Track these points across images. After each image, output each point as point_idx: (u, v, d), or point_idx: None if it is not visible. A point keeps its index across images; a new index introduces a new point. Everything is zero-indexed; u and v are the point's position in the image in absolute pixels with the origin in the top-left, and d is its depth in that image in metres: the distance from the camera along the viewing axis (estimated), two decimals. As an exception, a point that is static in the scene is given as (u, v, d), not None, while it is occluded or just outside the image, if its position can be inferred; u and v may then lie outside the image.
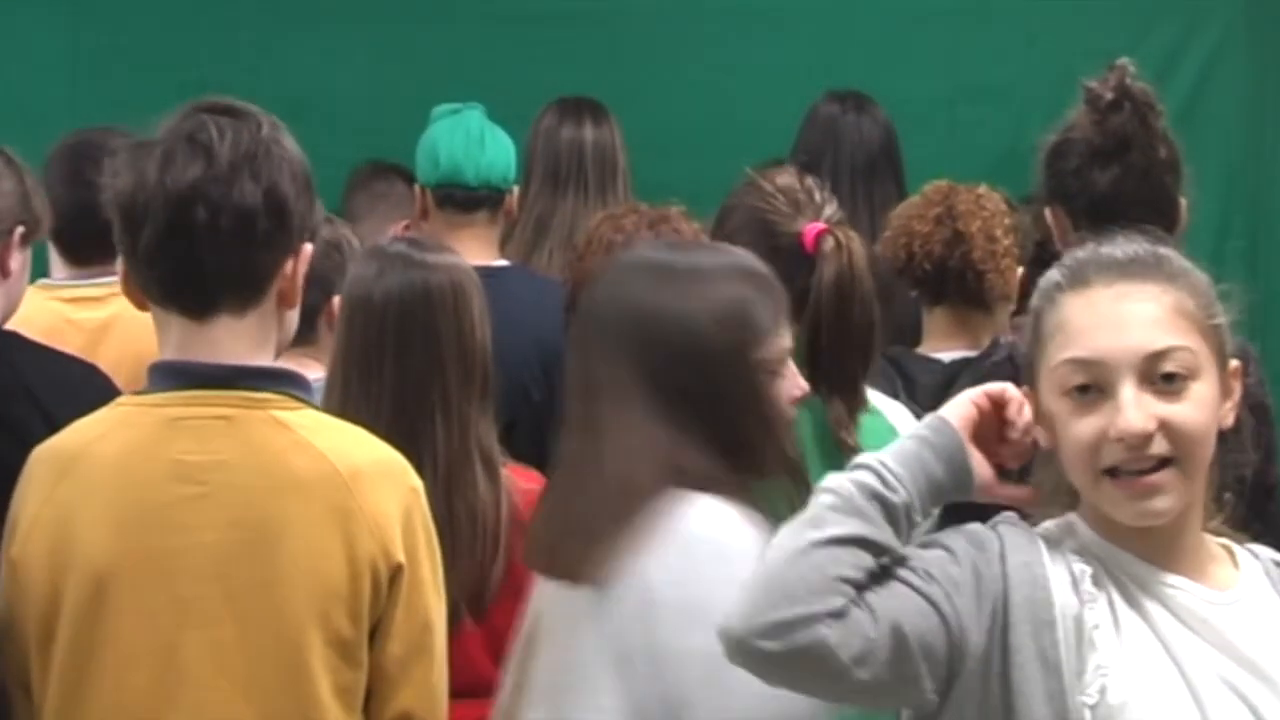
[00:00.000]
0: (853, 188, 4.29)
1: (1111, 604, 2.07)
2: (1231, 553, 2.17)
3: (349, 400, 2.86)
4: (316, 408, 2.41)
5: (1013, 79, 5.34)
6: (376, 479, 2.34)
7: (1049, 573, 2.05)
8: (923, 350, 3.73)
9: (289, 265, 2.35)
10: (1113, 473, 2.05)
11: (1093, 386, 2.06)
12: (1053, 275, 2.15)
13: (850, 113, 4.50)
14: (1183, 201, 3.11)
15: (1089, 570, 2.07)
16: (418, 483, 2.39)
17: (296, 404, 2.36)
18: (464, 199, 4.02)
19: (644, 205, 3.72)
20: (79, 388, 2.76)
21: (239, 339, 2.33)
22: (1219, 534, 2.17)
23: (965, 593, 2.02)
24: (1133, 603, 2.08)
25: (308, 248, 2.38)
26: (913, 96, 5.03)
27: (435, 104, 4.21)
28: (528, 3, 5.40)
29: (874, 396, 3.08)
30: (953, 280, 3.70)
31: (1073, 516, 2.14)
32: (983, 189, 3.77)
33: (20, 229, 2.93)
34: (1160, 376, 2.05)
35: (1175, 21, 5.37)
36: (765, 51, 5.37)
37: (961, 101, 5.36)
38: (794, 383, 2.47)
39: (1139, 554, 2.09)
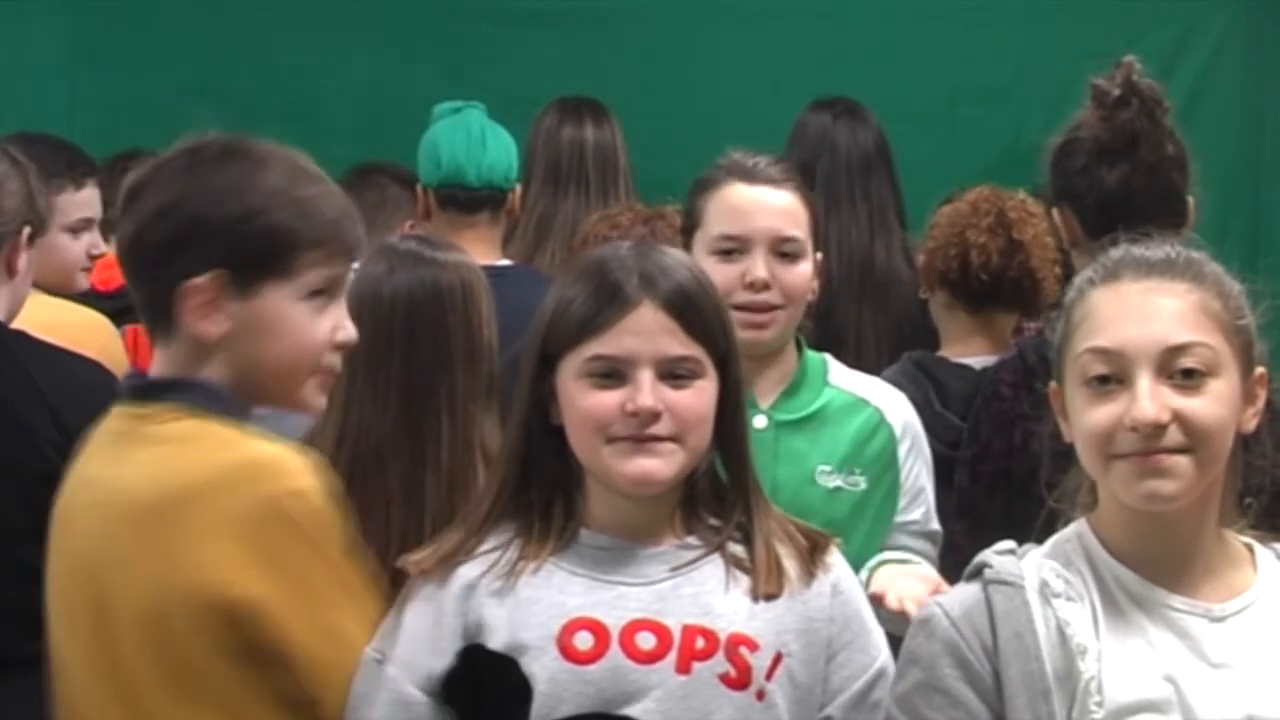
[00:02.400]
0: (850, 187, 4.29)
1: (1096, 618, 2.09)
2: (1253, 553, 2.17)
3: (354, 396, 2.85)
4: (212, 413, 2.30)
5: (1013, 79, 5.34)
6: (217, 496, 2.21)
7: (1041, 639, 2.07)
8: (952, 355, 3.70)
9: None
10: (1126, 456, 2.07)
11: (1112, 377, 2.07)
12: (1086, 272, 2.17)
13: (842, 117, 4.49)
14: (1190, 199, 3.11)
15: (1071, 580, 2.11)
16: (298, 483, 2.25)
17: (178, 415, 2.27)
18: (466, 199, 4.02)
19: (639, 204, 3.73)
20: (86, 386, 2.76)
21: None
22: (1244, 533, 2.18)
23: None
24: (1129, 625, 2.09)
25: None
26: (913, 96, 5.04)
27: (435, 104, 4.21)
28: (528, 3, 5.40)
29: (853, 376, 3.06)
30: (1009, 288, 3.66)
31: (1084, 528, 2.16)
32: (1022, 194, 3.73)
33: (27, 229, 2.93)
34: (1179, 371, 2.07)
35: (1175, 21, 5.38)
36: (765, 51, 5.37)
37: (961, 101, 5.37)
38: None
39: (1143, 572, 2.11)
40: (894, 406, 3.00)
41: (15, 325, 2.92)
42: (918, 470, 2.99)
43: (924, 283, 3.78)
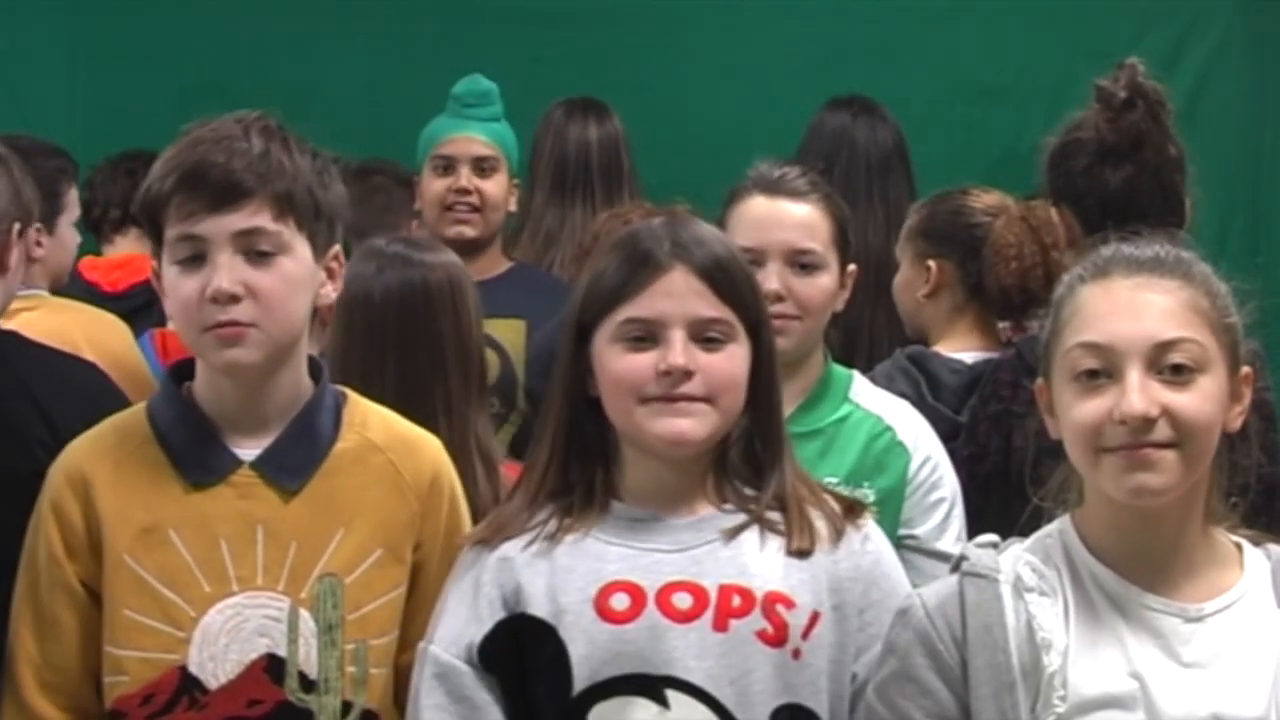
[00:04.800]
0: (868, 186, 4.29)
1: (1067, 614, 2.11)
2: (1242, 553, 2.18)
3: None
4: None
5: (1013, 79, 5.34)
6: None
7: (1010, 632, 2.10)
8: (946, 350, 3.68)
9: None
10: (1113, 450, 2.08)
11: (1101, 371, 2.09)
12: (1075, 269, 2.19)
13: (861, 115, 4.49)
14: (1188, 200, 3.12)
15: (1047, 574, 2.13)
16: None
17: None
18: None
19: (649, 203, 3.73)
20: (78, 387, 2.75)
21: None
22: (1235, 530, 2.20)
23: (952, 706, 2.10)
24: (1101, 622, 2.11)
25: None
26: (913, 96, 5.02)
27: (435, 104, 4.22)
28: (528, 3, 5.40)
29: (877, 396, 3.06)
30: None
31: (1067, 525, 2.18)
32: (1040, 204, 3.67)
33: (17, 225, 2.91)
34: (1168, 366, 2.09)
35: (1175, 21, 5.38)
36: (765, 51, 5.37)
37: (961, 101, 5.37)
38: None
39: (1122, 569, 2.13)
40: (913, 430, 3.01)
41: (31, 333, 2.90)
42: (937, 496, 3.00)
43: (956, 290, 3.71)
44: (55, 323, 3.33)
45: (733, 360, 2.30)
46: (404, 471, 2.43)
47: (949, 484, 3.01)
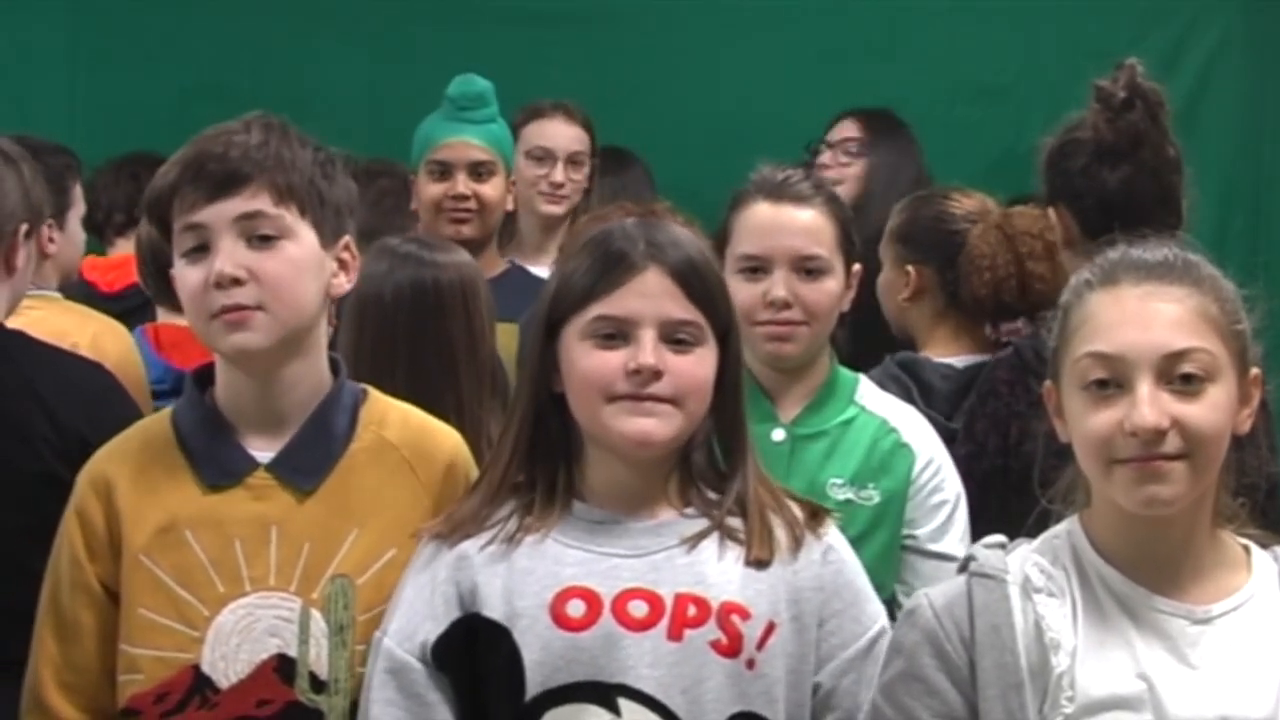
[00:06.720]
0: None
1: (1075, 615, 2.12)
2: (1249, 555, 2.18)
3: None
4: None
5: (1013, 79, 5.34)
6: None
7: (1018, 632, 2.10)
8: (934, 356, 3.68)
9: None
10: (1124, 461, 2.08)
11: (1111, 381, 2.09)
12: (1083, 274, 2.18)
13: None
14: (1184, 201, 3.12)
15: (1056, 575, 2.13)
16: None
17: None
18: None
19: (629, 203, 3.74)
20: (84, 387, 2.76)
21: None
22: (1243, 533, 2.20)
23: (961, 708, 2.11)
24: (1109, 623, 2.12)
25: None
26: (913, 96, 5.03)
27: (435, 104, 4.22)
28: (528, 3, 5.40)
29: (882, 399, 3.06)
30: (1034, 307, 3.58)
31: (1075, 526, 2.18)
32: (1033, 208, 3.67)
33: (24, 226, 2.91)
34: (1178, 376, 2.08)
35: (1175, 21, 5.38)
36: (765, 51, 5.37)
37: (961, 101, 5.37)
38: None
39: (1129, 572, 2.13)
40: (918, 433, 3.02)
41: (36, 332, 2.91)
42: (939, 499, 3.00)
43: (937, 295, 3.70)
44: (61, 324, 3.33)
45: (701, 363, 2.30)
46: (418, 469, 2.44)
47: (951, 487, 3.01)
